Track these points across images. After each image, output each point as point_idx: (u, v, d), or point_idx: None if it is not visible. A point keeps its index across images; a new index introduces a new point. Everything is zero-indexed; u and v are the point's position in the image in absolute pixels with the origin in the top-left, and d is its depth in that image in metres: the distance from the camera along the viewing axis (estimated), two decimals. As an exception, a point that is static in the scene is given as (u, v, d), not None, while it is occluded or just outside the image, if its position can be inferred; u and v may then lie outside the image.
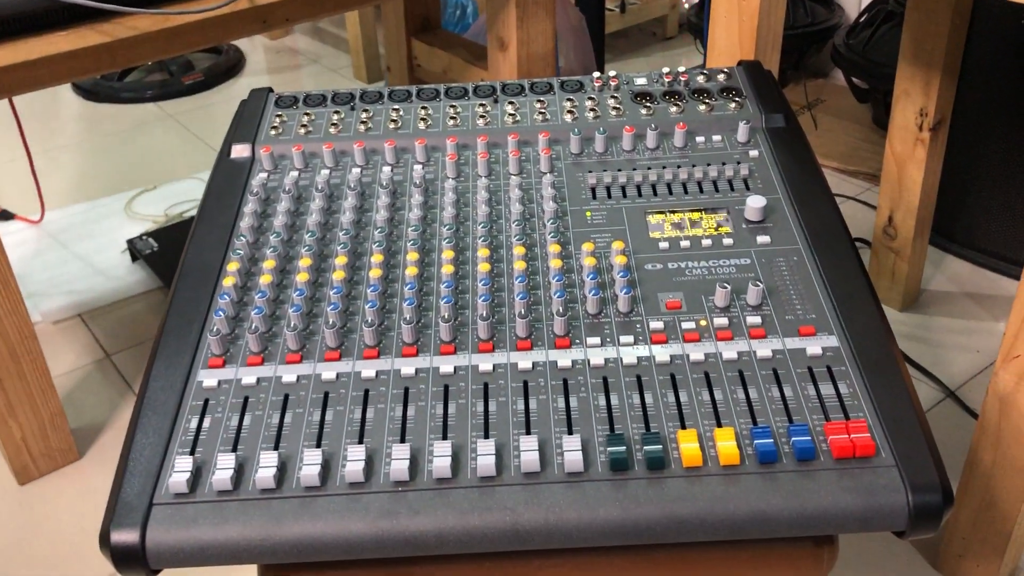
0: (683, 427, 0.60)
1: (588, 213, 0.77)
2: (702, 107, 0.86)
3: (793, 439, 0.59)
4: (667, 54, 2.49)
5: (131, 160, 2.12)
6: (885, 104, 1.91)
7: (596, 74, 0.91)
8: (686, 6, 2.39)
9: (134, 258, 1.67)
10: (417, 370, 0.65)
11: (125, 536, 0.57)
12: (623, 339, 0.66)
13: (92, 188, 1.98)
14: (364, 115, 0.88)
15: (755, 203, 0.75)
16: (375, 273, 0.71)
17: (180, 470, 0.59)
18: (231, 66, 2.54)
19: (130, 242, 1.68)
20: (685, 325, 0.67)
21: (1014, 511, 0.94)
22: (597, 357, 0.65)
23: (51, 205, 1.83)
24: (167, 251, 1.64)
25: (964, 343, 1.40)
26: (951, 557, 1.03)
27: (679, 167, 0.80)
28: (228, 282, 0.71)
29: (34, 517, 1.20)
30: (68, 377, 1.44)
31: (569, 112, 0.87)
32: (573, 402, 0.62)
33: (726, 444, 0.58)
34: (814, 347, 0.65)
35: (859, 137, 1.96)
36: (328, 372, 0.65)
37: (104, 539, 0.57)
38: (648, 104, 0.87)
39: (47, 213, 1.80)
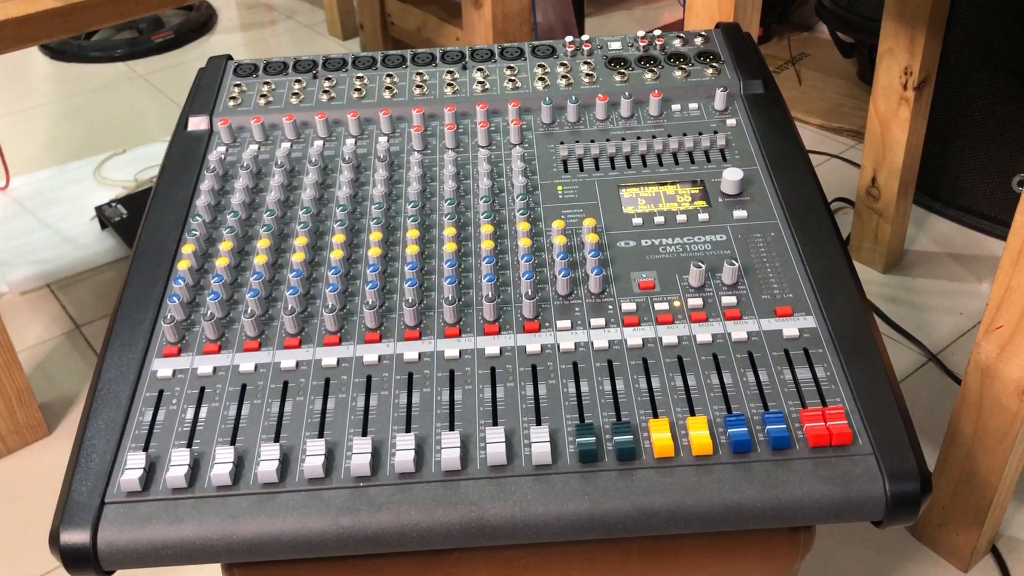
0: (655, 415, 0.58)
1: (559, 187, 0.74)
2: (678, 73, 0.83)
3: (768, 427, 0.57)
4: (649, 7, 2.43)
5: (100, 122, 2.06)
6: (871, 59, 1.87)
7: (568, 39, 0.88)
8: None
9: (103, 225, 1.63)
10: (380, 357, 0.63)
11: (75, 537, 0.55)
12: (594, 322, 0.64)
13: (60, 152, 1.93)
14: (327, 84, 0.85)
15: (732, 176, 0.72)
16: (336, 254, 0.68)
17: (133, 467, 0.57)
18: (202, 23, 2.47)
19: (99, 209, 1.63)
20: (658, 306, 0.65)
21: (994, 480, 0.93)
22: (567, 341, 0.63)
23: (16, 171, 1.78)
24: (137, 218, 1.60)
25: (947, 305, 1.39)
26: (931, 526, 1.02)
27: (654, 137, 0.78)
28: (183, 265, 0.68)
29: (4, 495, 1.18)
30: (37, 349, 1.41)
31: (540, 80, 0.83)
32: (542, 390, 0.60)
33: (699, 434, 0.56)
34: (791, 328, 0.63)
35: (843, 93, 1.93)
36: (288, 360, 0.63)
37: (53, 540, 0.55)
38: (622, 70, 0.84)
39: (12, 179, 1.76)
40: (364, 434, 0.58)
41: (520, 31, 1.46)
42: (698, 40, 0.87)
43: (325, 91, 0.84)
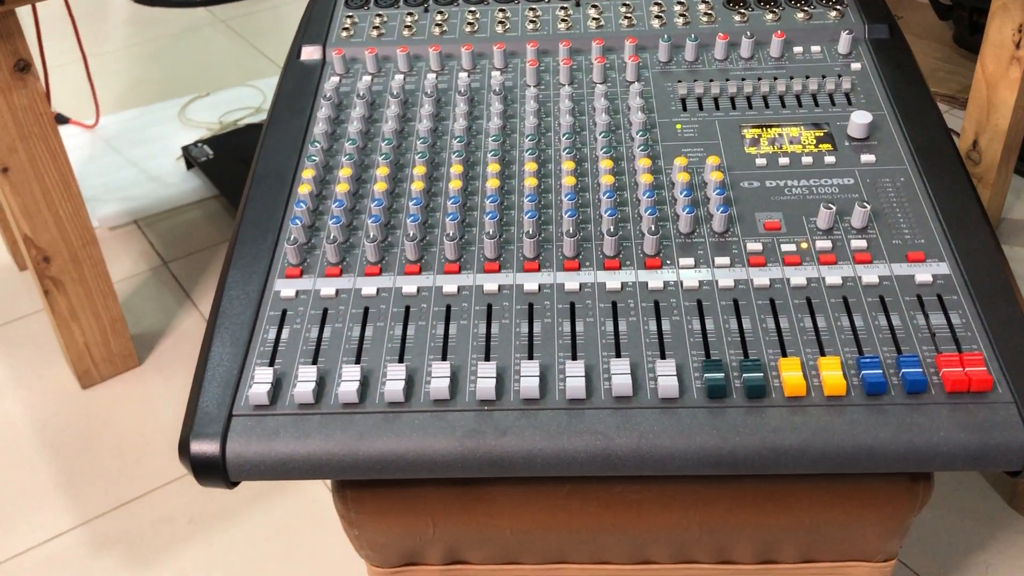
0: (784, 355, 0.57)
1: (678, 126, 0.73)
2: (800, 15, 0.81)
3: (903, 371, 0.55)
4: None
5: (183, 66, 2.08)
6: (970, 22, 1.81)
7: (686, -23, 0.85)
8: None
9: (189, 165, 1.65)
10: (500, 287, 0.62)
11: (205, 447, 0.56)
12: (718, 260, 0.63)
13: (145, 94, 1.95)
14: (439, 17, 0.84)
15: (860, 119, 0.70)
16: (455, 185, 0.68)
17: (260, 381, 0.57)
18: (282, -30, 2.47)
19: (185, 149, 1.65)
20: (785, 247, 0.63)
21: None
22: (691, 279, 0.62)
23: (105, 110, 1.81)
24: (222, 159, 1.62)
25: (1045, 275, 1.34)
26: (1028, 495, 1.00)
27: (776, 79, 0.75)
28: (304, 190, 0.68)
29: (96, 421, 1.21)
30: (126, 283, 1.44)
31: (657, 17, 0.82)
32: (665, 325, 0.59)
33: (831, 374, 0.55)
34: (923, 274, 0.61)
35: (939, 57, 1.87)
36: (409, 286, 0.63)
37: (184, 449, 0.56)
38: (742, 10, 0.81)
39: (101, 118, 1.79)
40: (487, 359, 0.58)
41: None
42: (820, -18, 0.84)
43: (437, 24, 0.83)
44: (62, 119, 1.79)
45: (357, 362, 0.58)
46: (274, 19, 2.27)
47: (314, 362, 0.59)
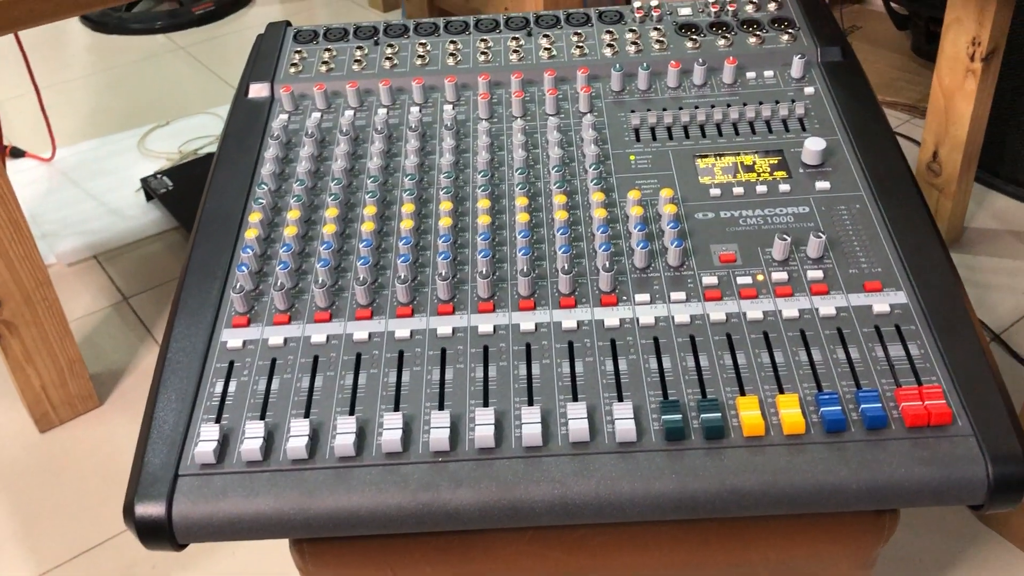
0: (742, 393, 0.56)
1: (632, 157, 0.72)
2: (752, 40, 0.80)
3: (862, 406, 0.54)
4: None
5: (142, 94, 2.05)
6: (927, 32, 1.82)
7: (637, 3, 0.85)
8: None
9: (149, 197, 1.63)
10: (454, 329, 0.61)
11: (150, 509, 0.54)
12: (674, 295, 0.62)
13: (103, 124, 1.92)
14: (389, 51, 0.83)
15: (814, 145, 0.69)
16: (406, 224, 0.67)
17: (206, 439, 0.55)
18: (242, -6, 2.46)
19: (144, 181, 1.63)
20: (741, 280, 0.62)
21: (1069, 464, 0.90)
22: (647, 315, 0.61)
23: (62, 142, 1.78)
24: (183, 190, 1.60)
25: (1009, 284, 1.35)
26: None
27: (729, 106, 0.75)
28: (251, 234, 0.66)
29: (55, 466, 1.18)
30: (85, 321, 1.41)
31: (609, 46, 0.81)
32: (622, 365, 0.58)
33: (790, 412, 0.54)
34: (881, 304, 0.60)
35: (897, 66, 1.88)
36: (360, 332, 0.61)
37: (128, 512, 0.54)
38: (694, 36, 0.81)
39: (58, 150, 1.76)
40: (441, 408, 0.57)
41: (570, 1, 1.43)
42: (771, 6, 0.84)
43: (388, 58, 0.82)
44: (17, 152, 1.76)
45: (307, 415, 0.57)
46: (235, 44, 2.25)
47: (262, 417, 0.57)
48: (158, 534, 0.54)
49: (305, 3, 2.48)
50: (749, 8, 0.84)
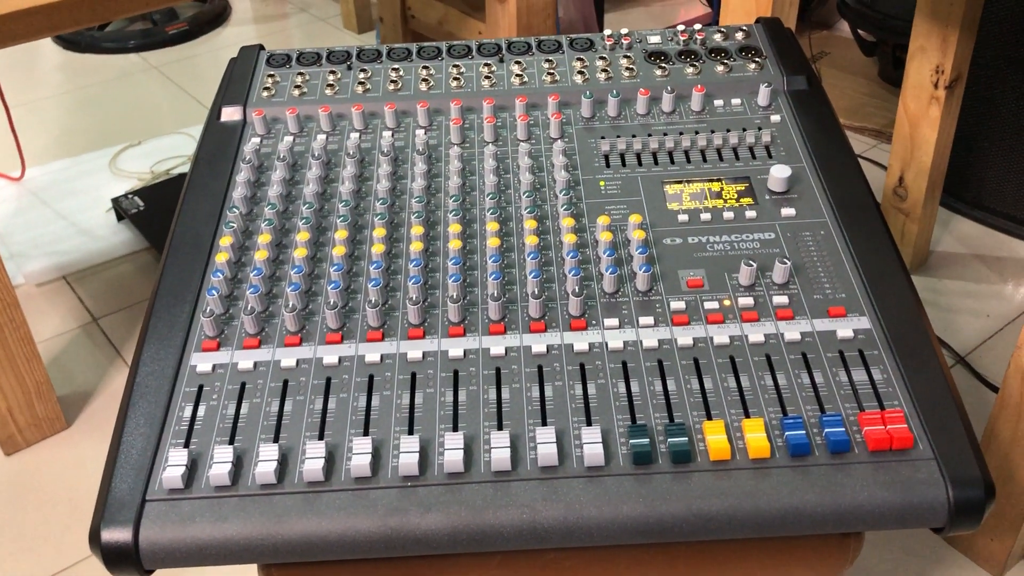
0: (709, 417, 0.57)
1: (602, 183, 0.73)
2: (720, 68, 0.82)
3: (826, 430, 0.55)
4: (666, 4, 2.42)
5: (114, 114, 2.05)
6: (893, 58, 1.86)
7: (607, 32, 0.86)
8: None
9: (120, 217, 1.62)
10: (424, 354, 0.61)
11: (117, 535, 0.53)
12: (643, 320, 0.62)
13: (74, 143, 1.91)
14: (362, 75, 0.83)
15: (779, 173, 0.71)
16: (377, 249, 0.67)
17: (174, 464, 0.55)
18: (216, 15, 2.46)
19: (115, 201, 1.62)
20: (708, 305, 0.63)
21: (1031, 485, 0.92)
22: (615, 340, 0.61)
23: (32, 161, 1.77)
24: (154, 211, 1.59)
25: (974, 307, 1.37)
26: (963, 530, 1.01)
27: (697, 133, 0.76)
28: (221, 258, 0.66)
29: (21, 489, 1.17)
30: (54, 342, 1.40)
31: (579, 73, 0.82)
32: (591, 389, 0.59)
33: (755, 436, 0.55)
34: (845, 329, 0.61)
35: (865, 92, 1.91)
36: (330, 356, 0.61)
37: (94, 538, 0.54)
38: (663, 65, 0.82)
39: (28, 170, 1.74)
40: (411, 432, 0.57)
41: (544, 26, 1.45)
42: (739, 35, 0.85)
43: (360, 83, 0.82)
44: (-13, 172, 1.74)
45: (275, 440, 0.57)
46: (209, 64, 2.25)
47: (231, 441, 0.57)
48: (124, 560, 0.54)
49: (279, 24, 2.49)
50: (717, 37, 0.85)
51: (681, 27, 0.87)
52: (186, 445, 0.57)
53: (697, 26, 0.86)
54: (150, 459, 0.56)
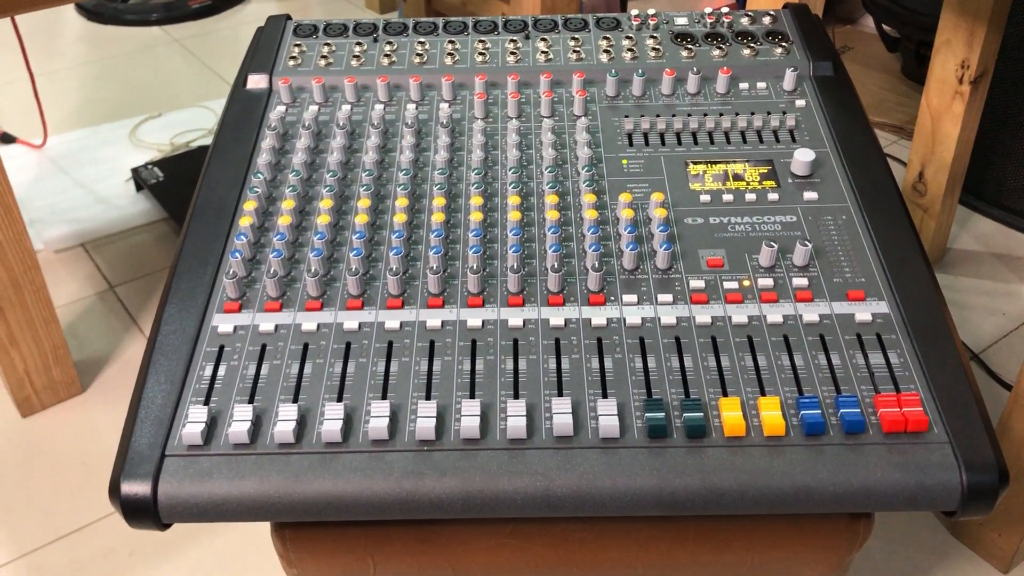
0: (725, 394, 0.57)
1: (624, 161, 0.73)
2: (746, 51, 0.82)
3: (841, 411, 0.55)
4: (690, -6, 2.40)
5: (135, 85, 2.05)
6: (917, 54, 1.85)
7: (634, 12, 0.86)
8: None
9: (139, 187, 1.63)
10: (443, 322, 0.62)
11: (136, 488, 0.54)
12: (661, 298, 0.63)
13: (95, 113, 1.92)
14: (388, 48, 0.83)
15: (803, 156, 0.71)
16: (399, 218, 0.67)
17: (194, 420, 0.56)
18: (239, -9, 2.46)
19: (135, 171, 1.63)
20: (727, 285, 0.63)
21: (1041, 482, 0.92)
22: (634, 316, 0.62)
23: (53, 130, 1.78)
24: (173, 182, 1.60)
25: (989, 305, 1.37)
26: (971, 525, 1.01)
27: (722, 115, 0.76)
28: (245, 222, 0.67)
29: (36, 451, 1.18)
30: (70, 308, 1.41)
31: (605, 52, 0.82)
32: (608, 363, 0.59)
33: (771, 414, 0.55)
34: (863, 313, 0.61)
35: (886, 88, 1.90)
36: (350, 321, 0.62)
37: (114, 490, 0.54)
38: (689, 46, 0.82)
39: (50, 138, 1.76)
40: (428, 398, 0.57)
41: (568, 7, 1.45)
42: (766, 19, 0.85)
43: (386, 55, 0.83)
44: (8, 138, 1.75)
45: (295, 401, 0.57)
46: (230, 39, 2.26)
47: (251, 401, 0.57)
48: (143, 513, 0.54)
49: (301, 2, 2.49)
50: (744, 20, 0.85)
51: (708, 10, 0.86)
52: (206, 403, 0.57)
53: (724, 9, 0.86)
54: (170, 415, 0.57)
